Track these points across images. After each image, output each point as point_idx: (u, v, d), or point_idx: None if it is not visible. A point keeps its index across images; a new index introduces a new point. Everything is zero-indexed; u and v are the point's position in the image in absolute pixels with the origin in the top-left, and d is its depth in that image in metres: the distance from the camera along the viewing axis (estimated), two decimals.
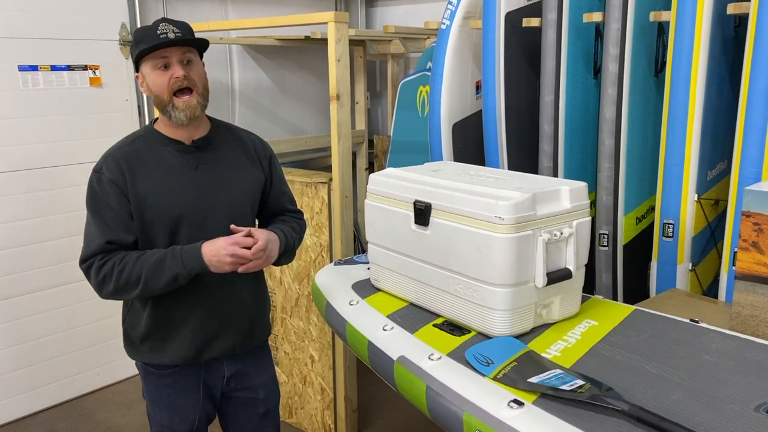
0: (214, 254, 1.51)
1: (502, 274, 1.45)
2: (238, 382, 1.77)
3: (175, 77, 1.54)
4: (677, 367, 1.36)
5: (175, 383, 1.68)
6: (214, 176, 1.64)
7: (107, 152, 1.58)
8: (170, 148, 1.60)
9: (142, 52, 1.51)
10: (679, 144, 2.33)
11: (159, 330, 1.63)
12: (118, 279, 1.51)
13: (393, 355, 1.51)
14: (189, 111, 1.56)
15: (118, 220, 1.53)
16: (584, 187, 1.58)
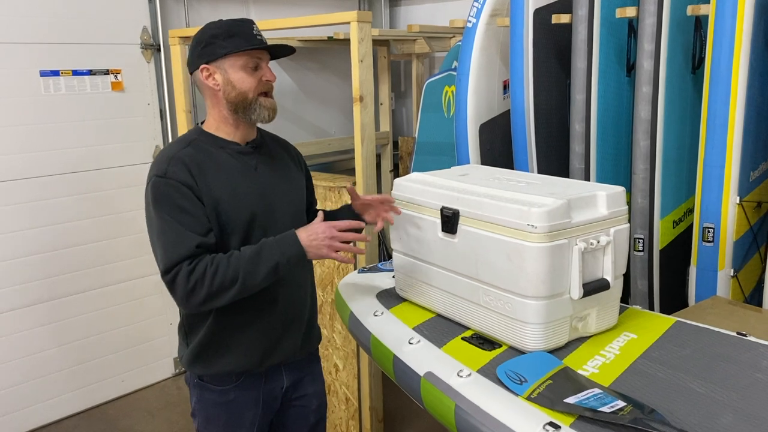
0: (313, 237, 1.47)
1: (535, 285, 1.36)
2: (294, 392, 1.73)
3: (266, 80, 1.56)
4: (726, 387, 1.26)
5: (235, 399, 1.61)
6: (273, 177, 1.62)
7: (166, 156, 1.51)
8: (228, 149, 1.56)
9: (237, 48, 1.48)
10: (720, 144, 2.22)
11: (222, 335, 1.57)
12: (212, 283, 1.42)
13: (420, 370, 1.44)
14: (273, 111, 1.59)
15: (197, 223, 1.45)
16: (622, 192, 1.49)
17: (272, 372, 1.67)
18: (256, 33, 1.53)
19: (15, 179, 2.77)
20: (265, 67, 1.56)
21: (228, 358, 1.59)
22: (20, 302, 2.85)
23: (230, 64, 1.51)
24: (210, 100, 1.58)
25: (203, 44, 1.53)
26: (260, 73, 1.54)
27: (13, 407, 2.89)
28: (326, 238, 1.46)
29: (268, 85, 1.56)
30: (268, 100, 1.56)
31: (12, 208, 2.77)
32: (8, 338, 2.83)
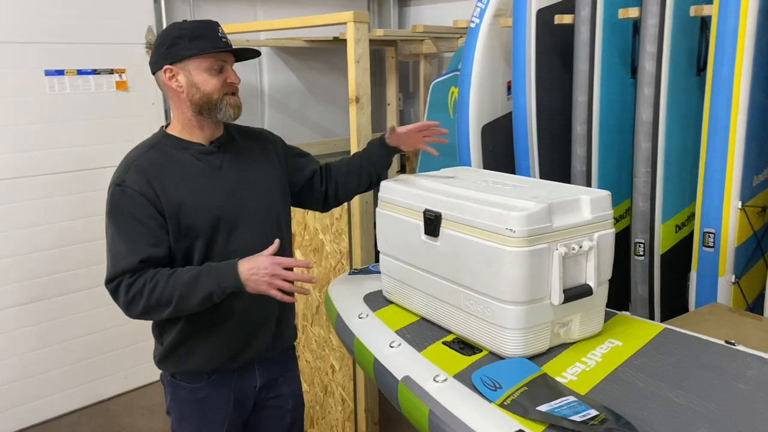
0: (254, 272, 1.43)
1: (514, 290, 1.34)
2: (269, 391, 1.72)
3: (230, 82, 1.55)
4: (706, 397, 1.23)
5: (207, 397, 1.62)
6: (240, 175, 1.60)
7: (124, 164, 1.52)
8: (191, 150, 1.56)
9: (201, 50, 1.48)
10: (721, 147, 2.17)
11: (193, 334, 1.57)
12: (149, 298, 1.44)
13: (398, 374, 1.42)
14: (238, 109, 1.58)
15: (148, 235, 1.47)
16: (607, 196, 1.46)
17: (244, 371, 1.67)
18: (222, 35, 1.52)
19: (20, 177, 2.80)
20: (230, 69, 1.56)
21: (198, 356, 1.59)
22: (25, 299, 2.88)
23: (195, 66, 1.50)
24: (173, 101, 1.57)
25: (167, 45, 1.51)
26: (224, 75, 1.54)
27: (14, 403, 2.92)
28: (267, 275, 1.42)
29: (233, 87, 1.56)
30: (233, 98, 1.56)
31: (17, 206, 2.81)
32: (10, 334, 2.87)
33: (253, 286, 1.44)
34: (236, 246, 1.56)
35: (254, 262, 1.44)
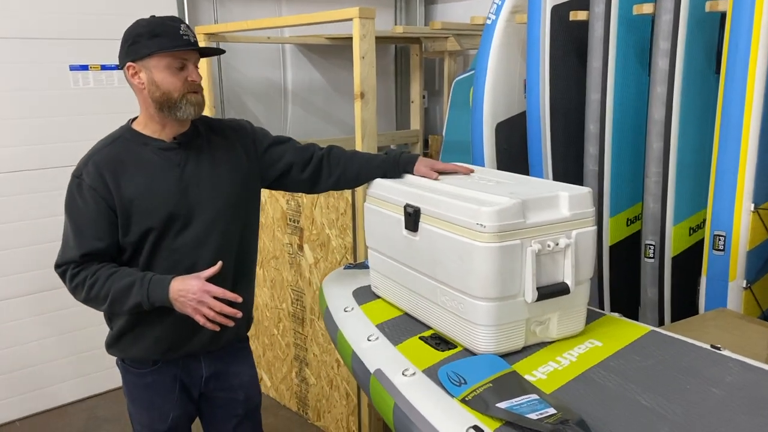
0: (183, 294, 1.47)
1: (484, 286, 1.33)
2: (216, 383, 1.75)
3: (191, 80, 1.54)
4: (674, 401, 1.20)
5: (153, 382, 1.67)
6: (198, 171, 1.60)
7: (86, 156, 1.57)
8: (151, 146, 1.58)
9: (160, 48, 1.48)
10: (733, 148, 2.10)
11: (139, 324, 1.61)
12: (89, 292, 1.51)
13: (371, 367, 1.43)
14: (199, 107, 1.57)
15: (94, 229, 1.52)
16: (587, 193, 1.43)
17: (189, 360, 1.70)
18: (183, 33, 1.51)
19: (45, 168, 2.91)
20: (191, 67, 1.54)
21: (142, 344, 1.63)
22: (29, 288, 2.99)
23: (154, 64, 1.50)
24: (138, 97, 1.58)
25: (129, 42, 1.53)
26: (185, 73, 1.53)
27: (34, 386, 3.04)
28: (194, 300, 1.45)
29: (194, 86, 1.54)
30: (194, 96, 1.55)
31: (40, 195, 2.91)
32: (21, 322, 2.98)
33: (179, 307, 1.49)
34: (186, 241, 1.58)
35: (185, 284, 1.47)
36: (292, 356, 2.92)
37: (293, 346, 2.90)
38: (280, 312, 2.94)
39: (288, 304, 2.88)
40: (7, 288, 2.92)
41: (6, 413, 2.98)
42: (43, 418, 3.01)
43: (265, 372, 3.14)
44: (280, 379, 3.05)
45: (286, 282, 2.86)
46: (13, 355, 2.97)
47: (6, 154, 2.82)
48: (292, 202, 2.72)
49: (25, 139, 2.86)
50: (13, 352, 2.96)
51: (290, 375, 2.96)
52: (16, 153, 2.85)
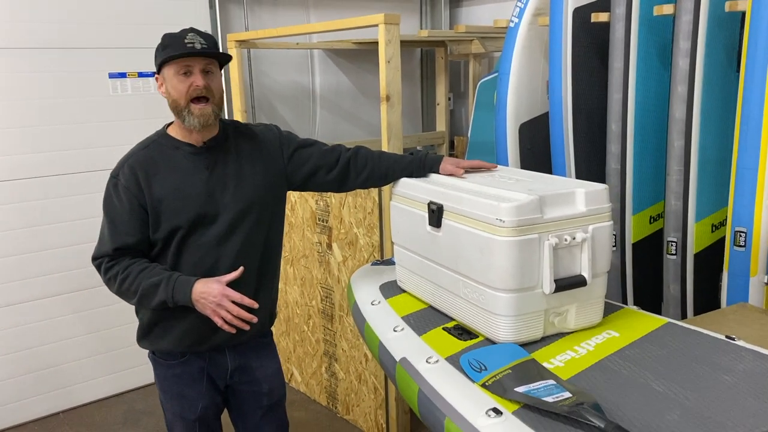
0: (204, 296, 1.59)
1: (504, 278, 1.40)
2: (241, 375, 1.84)
3: (195, 85, 1.60)
4: (687, 387, 1.25)
5: (182, 373, 1.77)
6: (224, 174, 1.70)
7: (123, 159, 1.68)
8: (182, 150, 1.68)
9: (167, 58, 1.60)
10: (753, 145, 2.14)
11: (166, 318, 1.71)
12: (120, 285, 1.63)
13: (397, 356, 1.51)
14: (203, 118, 1.62)
15: (127, 226, 1.63)
16: (603, 189, 1.49)
17: (215, 354, 1.79)
18: (188, 41, 1.58)
19: (83, 172, 3.05)
20: (197, 73, 1.60)
21: (170, 337, 1.73)
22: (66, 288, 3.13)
23: (167, 72, 1.62)
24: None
25: (155, 57, 1.66)
26: (191, 79, 1.60)
27: (71, 381, 3.19)
28: (214, 303, 1.57)
29: (197, 91, 1.59)
30: (197, 108, 1.60)
31: (82, 198, 3.06)
32: (60, 319, 3.12)
33: (200, 308, 1.60)
34: (209, 239, 1.67)
35: (207, 287, 1.58)
36: (322, 352, 3.01)
37: (323, 342, 2.99)
38: (310, 309, 3.04)
39: (317, 302, 2.97)
40: (45, 287, 3.06)
41: (50, 405, 3.12)
42: (85, 410, 3.15)
43: (296, 368, 3.24)
44: (310, 375, 3.14)
45: (315, 280, 2.96)
46: (54, 351, 3.11)
47: (49, 158, 2.97)
48: (321, 202, 2.82)
49: (67, 144, 3.00)
50: (53, 348, 3.11)
51: (320, 370, 3.05)
52: (60, 157, 2.99)
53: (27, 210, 2.96)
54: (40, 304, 3.05)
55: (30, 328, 3.03)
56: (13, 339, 2.99)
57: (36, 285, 3.03)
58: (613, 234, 2.62)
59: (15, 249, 2.96)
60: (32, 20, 2.84)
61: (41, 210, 2.99)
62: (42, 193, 2.98)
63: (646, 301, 2.64)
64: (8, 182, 2.89)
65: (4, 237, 2.92)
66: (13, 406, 3.03)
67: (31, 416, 3.08)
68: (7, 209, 2.91)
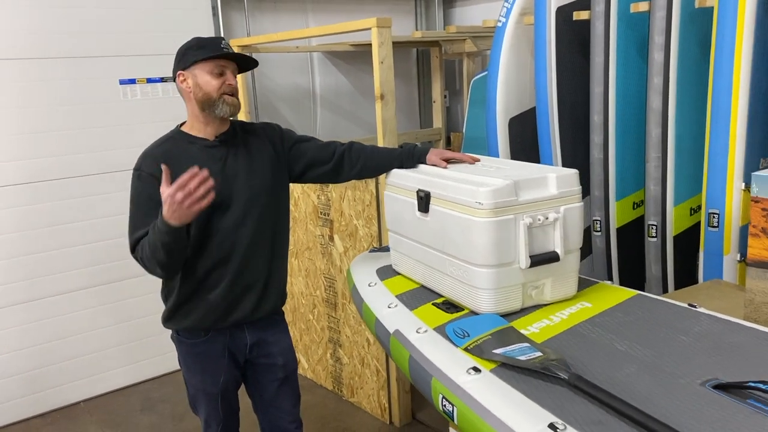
0: (172, 209, 1.63)
1: (483, 255, 1.56)
2: (259, 350, 2.00)
3: (228, 84, 1.83)
4: (646, 346, 1.41)
5: (206, 350, 1.93)
6: (236, 164, 1.88)
7: (143, 154, 1.85)
8: (197, 144, 1.86)
9: (206, 57, 1.78)
10: (723, 131, 2.29)
11: (189, 298, 1.88)
12: (146, 263, 1.78)
13: (391, 329, 1.67)
14: (233, 107, 1.85)
15: (156, 210, 1.75)
16: (574, 174, 1.65)
17: (235, 330, 1.95)
18: (224, 46, 1.81)
19: (99, 173, 3.23)
20: (229, 74, 1.83)
21: (194, 316, 1.89)
22: (85, 284, 3.31)
23: (199, 69, 1.80)
24: (186, 101, 1.87)
25: (180, 55, 1.84)
26: (224, 78, 1.81)
27: (97, 370, 3.36)
28: (177, 204, 1.61)
29: (230, 88, 1.82)
30: (230, 98, 1.82)
31: (99, 198, 3.23)
32: (83, 312, 3.30)
33: (181, 220, 1.65)
34: (228, 223, 1.84)
35: (167, 203, 1.63)
36: (327, 339, 3.17)
37: (327, 329, 3.15)
38: (314, 299, 3.20)
39: (321, 291, 3.13)
40: (62, 284, 3.23)
41: (71, 395, 3.30)
42: (105, 399, 3.32)
43: (303, 355, 3.40)
44: (316, 361, 3.31)
45: (319, 271, 3.12)
46: (77, 343, 3.29)
47: (66, 161, 3.14)
48: (323, 196, 2.98)
49: (81, 148, 3.18)
50: (76, 340, 3.29)
51: (325, 356, 3.22)
52: (75, 160, 3.17)
53: (46, 211, 3.13)
54: (61, 299, 3.22)
55: (51, 322, 3.21)
56: (35, 332, 3.17)
57: (54, 282, 3.20)
58: (597, 219, 2.78)
59: (31, 249, 3.14)
60: (46, 31, 3.02)
61: (59, 210, 3.17)
62: (59, 195, 3.15)
63: (630, 282, 2.79)
64: (28, 185, 3.07)
65: (25, 237, 3.10)
66: (36, 396, 3.21)
67: (53, 406, 3.25)
68: (28, 210, 3.09)
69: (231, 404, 2.02)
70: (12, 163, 3.03)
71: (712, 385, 1.23)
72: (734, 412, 1.14)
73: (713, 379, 1.25)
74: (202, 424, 2.04)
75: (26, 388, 3.18)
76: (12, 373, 3.14)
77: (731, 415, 1.13)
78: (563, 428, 1.11)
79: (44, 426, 3.10)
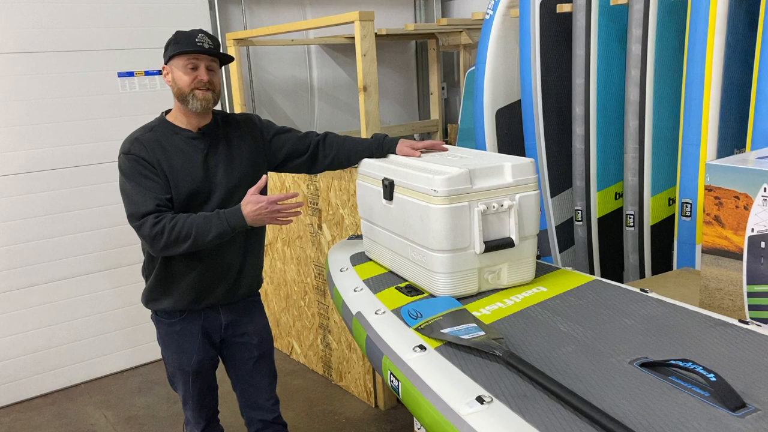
0: (257, 212, 1.81)
1: (439, 240, 1.63)
2: (234, 330, 2.09)
3: (199, 79, 1.89)
4: (588, 327, 1.47)
5: (181, 330, 2.02)
6: (217, 157, 1.96)
7: (130, 138, 1.92)
8: (181, 135, 1.94)
9: (179, 52, 1.86)
10: (695, 122, 2.33)
11: (167, 281, 1.97)
12: (170, 234, 1.79)
13: (354, 310, 1.75)
14: (204, 102, 1.91)
15: (157, 186, 1.86)
16: (529, 162, 1.71)
17: (210, 311, 2.05)
18: (198, 40, 1.86)
19: (97, 163, 3.34)
20: (202, 68, 1.88)
21: (171, 298, 1.99)
22: (82, 270, 3.42)
23: (175, 64, 1.88)
24: (173, 94, 1.94)
25: (164, 49, 1.92)
26: (196, 73, 1.87)
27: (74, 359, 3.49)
28: (269, 212, 1.81)
29: (201, 83, 1.87)
30: (201, 93, 1.88)
31: (91, 188, 3.34)
32: (73, 300, 3.41)
33: (259, 222, 1.84)
34: (206, 212, 1.89)
35: (256, 205, 1.81)
36: (317, 325, 3.26)
37: (318, 315, 3.24)
38: (305, 286, 3.29)
39: (312, 278, 3.22)
40: (64, 269, 3.36)
41: (72, 377, 3.42)
42: (104, 381, 3.45)
43: (296, 340, 3.50)
44: (308, 346, 3.40)
45: (309, 258, 3.21)
46: (78, 327, 3.41)
47: (66, 152, 3.25)
48: (312, 186, 3.06)
49: (80, 138, 3.29)
50: (77, 324, 3.41)
51: (316, 342, 3.31)
52: (74, 150, 3.28)
53: (45, 199, 3.25)
54: (62, 284, 3.34)
55: (53, 306, 3.33)
56: (38, 316, 3.30)
57: (54, 268, 3.32)
58: (578, 209, 2.83)
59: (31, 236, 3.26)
60: (45, 25, 3.12)
61: (58, 199, 3.28)
62: (58, 184, 3.27)
63: (611, 271, 2.84)
64: (28, 174, 3.18)
65: (24, 225, 3.22)
66: (38, 378, 3.34)
67: (55, 387, 3.38)
68: (27, 199, 3.20)
69: (207, 382, 2.12)
70: (12, 153, 3.14)
71: (639, 363, 1.29)
72: (654, 387, 1.20)
73: (642, 358, 1.31)
74: (181, 400, 2.14)
75: (29, 370, 3.31)
76: (15, 354, 3.27)
77: (650, 390, 1.19)
78: (490, 400, 1.18)
79: (45, 406, 3.23)
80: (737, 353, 1.31)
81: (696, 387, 1.18)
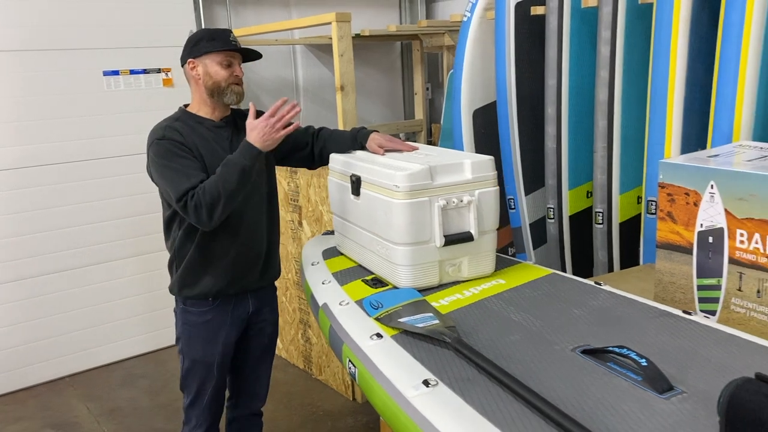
0: (262, 134, 1.89)
1: (400, 234, 1.70)
2: (256, 317, 2.19)
3: (235, 75, 2.03)
4: (538, 317, 1.54)
5: (212, 318, 2.07)
6: (239, 143, 1.99)
7: (161, 126, 1.99)
8: (205, 124, 2.04)
9: (215, 48, 1.96)
10: (660, 122, 2.40)
11: (200, 264, 2.03)
12: (205, 200, 1.84)
13: (320, 302, 1.81)
14: (239, 96, 2.06)
15: (195, 165, 1.93)
16: (488, 160, 1.77)
17: (239, 298, 2.12)
18: (232, 39, 2.01)
19: (83, 160, 3.40)
20: (236, 65, 2.02)
21: (205, 281, 2.04)
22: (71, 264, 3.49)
23: (210, 60, 1.98)
24: (193, 86, 2.05)
25: (192, 44, 2.02)
26: (232, 69, 2.00)
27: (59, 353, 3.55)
28: (270, 128, 1.89)
29: (237, 78, 2.02)
30: (237, 87, 2.03)
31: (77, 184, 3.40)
32: (59, 294, 3.48)
33: (270, 144, 1.92)
34: None
35: (257, 129, 1.89)
36: (298, 320, 3.33)
37: (298, 310, 3.31)
38: (287, 281, 3.35)
39: (293, 274, 3.28)
40: (55, 262, 3.42)
41: (57, 370, 3.48)
42: (88, 375, 3.51)
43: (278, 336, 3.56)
44: (289, 341, 3.46)
45: (290, 255, 3.27)
46: (63, 321, 3.48)
47: (54, 149, 3.31)
48: (292, 183, 3.13)
49: (65, 136, 3.35)
50: (63, 318, 3.48)
51: (297, 337, 3.37)
52: (61, 148, 3.34)
53: (34, 195, 3.31)
54: (49, 279, 3.41)
55: (39, 300, 3.40)
56: (24, 310, 3.36)
57: (41, 262, 3.38)
58: (551, 207, 2.90)
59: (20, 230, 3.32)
60: (30, 24, 3.18)
61: (48, 196, 3.34)
62: (46, 180, 3.33)
63: (582, 267, 2.91)
64: (17, 170, 3.24)
65: (12, 220, 3.28)
66: (23, 371, 3.40)
67: (40, 379, 3.44)
68: (16, 194, 3.26)
69: (223, 377, 2.17)
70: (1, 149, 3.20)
71: (581, 350, 1.36)
72: (591, 372, 1.27)
73: (584, 346, 1.38)
74: (188, 400, 2.15)
75: (14, 362, 3.36)
76: (0, 347, 3.33)
77: (588, 375, 1.26)
78: (435, 383, 1.25)
79: (29, 398, 3.29)
80: (675, 341, 1.38)
81: (630, 372, 1.25)
